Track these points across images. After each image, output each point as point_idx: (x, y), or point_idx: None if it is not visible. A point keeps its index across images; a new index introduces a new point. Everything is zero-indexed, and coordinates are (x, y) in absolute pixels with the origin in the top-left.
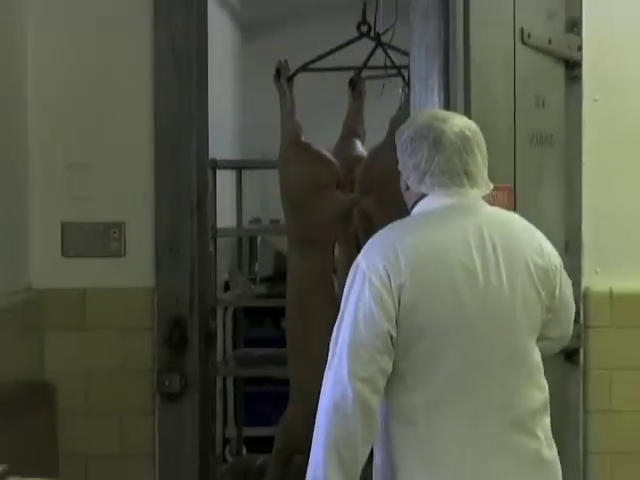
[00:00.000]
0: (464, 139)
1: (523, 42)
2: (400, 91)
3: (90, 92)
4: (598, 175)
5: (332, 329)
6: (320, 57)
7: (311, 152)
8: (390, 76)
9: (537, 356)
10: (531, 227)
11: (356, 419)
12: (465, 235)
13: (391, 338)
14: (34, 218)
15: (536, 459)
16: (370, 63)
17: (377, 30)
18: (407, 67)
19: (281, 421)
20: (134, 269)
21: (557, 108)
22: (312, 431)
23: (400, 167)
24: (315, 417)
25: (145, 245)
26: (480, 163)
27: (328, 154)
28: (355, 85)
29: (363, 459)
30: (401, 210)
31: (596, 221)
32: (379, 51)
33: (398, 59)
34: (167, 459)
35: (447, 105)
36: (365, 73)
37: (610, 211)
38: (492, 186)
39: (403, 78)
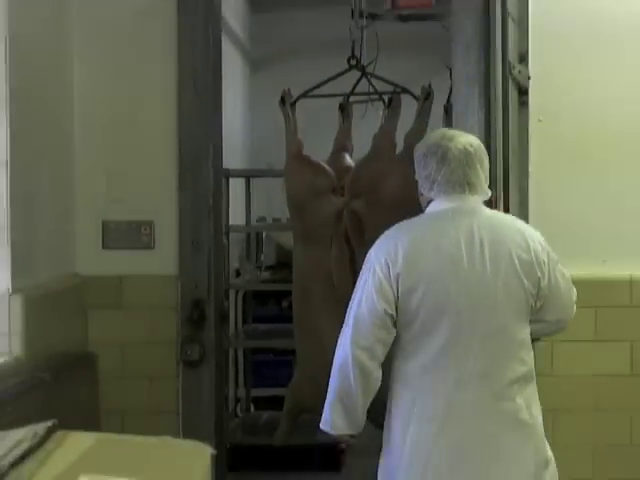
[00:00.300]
0: (467, 154)
1: (510, 72)
2: (380, 113)
3: (125, 115)
4: (542, 182)
5: (330, 309)
6: (317, 86)
7: (311, 164)
8: (372, 100)
9: (522, 334)
10: (524, 228)
11: (355, 378)
12: (457, 233)
13: (391, 317)
14: (80, 218)
15: (514, 422)
16: (356, 90)
17: (362, 63)
18: (387, 93)
19: (289, 385)
20: (161, 259)
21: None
22: (315, 393)
23: (416, 177)
24: (317, 381)
25: (170, 240)
26: (480, 174)
27: (325, 165)
28: (344, 109)
29: (363, 410)
30: (384, 210)
31: (540, 221)
32: (364, 80)
33: (379, 86)
34: (189, 415)
35: (487, 124)
36: (352, 98)
37: (554, 212)
38: (490, 193)
39: (383, 102)
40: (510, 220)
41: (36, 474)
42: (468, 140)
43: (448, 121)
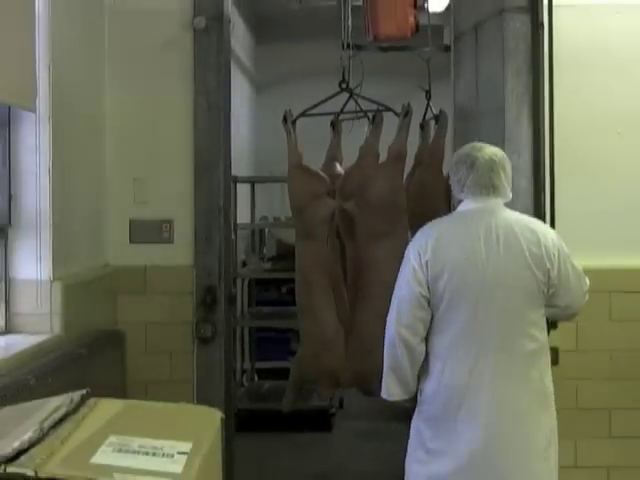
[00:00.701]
0: (492, 163)
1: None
2: (365, 128)
3: (149, 129)
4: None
5: (327, 294)
6: (313, 106)
7: (309, 172)
8: (359, 117)
9: (533, 315)
10: (537, 227)
11: (402, 352)
12: (478, 229)
13: (425, 298)
14: (110, 217)
15: (529, 390)
16: (346, 109)
17: (350, 86)
18: (371, 111)
19: (294, 360)
20: (179, 252)
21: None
22: (315, 366)
23: (450, 181)
24: (317, 356)
25: (187, 235)
26: (503, 180)
27: (321, 173)
28: (335, 125)
29: (413, 378)
30: (371, 209)
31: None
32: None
33: (365, 106)
34: (202, 384)
35: (537, 134)
36: (342, 116)
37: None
38: (511, 196)
39: (368, 118)
40: (526, 220)
41: (72, 434)
42: (493, 151)
43: (424, 135)
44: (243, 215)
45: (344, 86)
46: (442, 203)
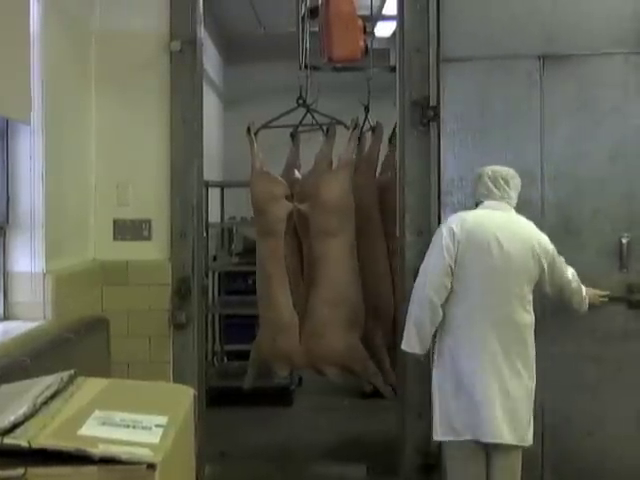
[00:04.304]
0: (503, 178)
1: None
2: (321, 138)
3: (130, 139)
4: None
5: (283, 285)
6: (273, 119)
7: (269, 177)
8: (314, 130)
9: (529, 295)
10: (536, 230)
11: (427, 310)
12: (500, 222)
13: (451, 268)
14: (97, 217)
15: (524, 356)
16: (304, 122)
17: (307, 102)
18: (326, 124)
19: (254, 342)
20: (157, 248)
21: None
22: (272, 347)
23: (473, 188)
24: (273, 338)
25: (164, 233)
26: (511, 191)
27: (280, 178)
28: (294, 136)
29: (430, 335)
30: (324, 211)
31: None
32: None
33: (320, 119)
34: (178, 365)
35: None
36: (301, 128)
37: None
38: (516, 202)
39: (322, 130)
40: (527, 221)
41: (62, 409)
42: (506, 170)
43: (360, 145)
44: (214, 215)
45: (301, 102)
46: (374, 202)
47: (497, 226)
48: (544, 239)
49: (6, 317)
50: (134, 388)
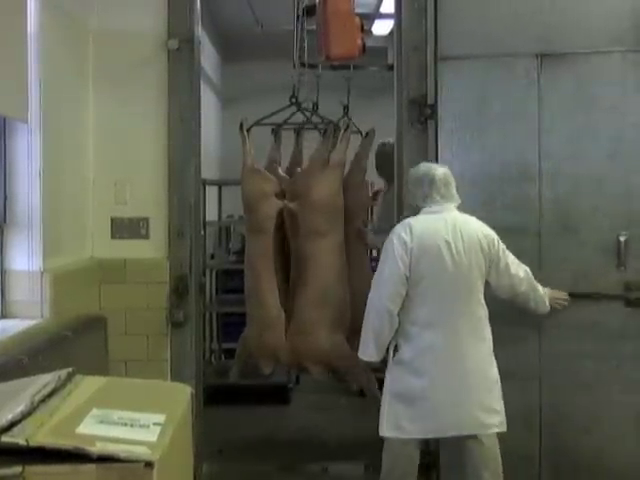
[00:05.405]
0: (445, 178)
1: None
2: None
3: (128, 138)
4: None
5: (271, 281)
6: (265, 117)
7: (261, 174)
8: (306, 128)
9: (482, 288)
10: (480, 223)
11: (385, 319)
12: (445, 224)
13: (406, 277)
14: (94, 215)
15: (485, 348)
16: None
17: (300, 101)
18: (320, 123)
19: (241, 337)
20: (155, 246)
21: None
22: (258, 342)
23: (409, 194)
24: (260, 334)
25: (162, 231)
26: (452, 190)
27: (271, 175)
28: (276, 134)
29: (388, 341)
30: (314, 210)
31: None
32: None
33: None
34: (175, 363)
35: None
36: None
37: None
38: (459, 201)
39: (318, 130)
40: (474, 219)
41: (60, 407)
42: (444, 170)
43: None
44: (211, 213)
45: (294, 100)
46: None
47: (445, 228)
48: (490, 232)
49: (4, 315)
50: (132, 386)
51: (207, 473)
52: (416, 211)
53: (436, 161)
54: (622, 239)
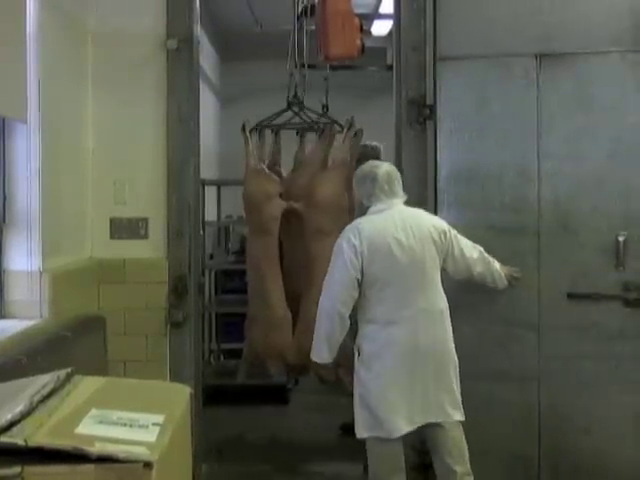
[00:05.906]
0: (387, 175)
1: None
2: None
3: (127, 138)
4: None
5: (275, 281)
6: (266, 119)
7: (265, 175)
8: (305, 129)
9: (438, 278)
10: (429, 215)
11: (337, 323)
12: (394, 222)
13: (358, 280)
14: (93, 215)
15: (447, 341)
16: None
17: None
18: (320, 122)
19: (246, 339)
20: (154, 246)
21: None
22: (264, 344)
23: (355, 193)
24: (266, 337)
25: (161, 232)
26: (397, 187)
27: (275, 176)
28: (276, 134)
29: (339, 343)
30: (318, 210)
31: None
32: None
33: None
34: (174, 363)
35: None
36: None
37: None
38: (406, 197)
39: (314, 130)
40: (422, 212)
41: (59, 408)
42: (389, 167)
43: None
44: (210, 213)
45: (294, 101)
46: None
47: (394, 226)
48: (440, 223)
49: (2, 315)
50: (131, 386)
51: (206, 473)
52: (365, 211)
53: (435, 162)
54: (621, 239)
